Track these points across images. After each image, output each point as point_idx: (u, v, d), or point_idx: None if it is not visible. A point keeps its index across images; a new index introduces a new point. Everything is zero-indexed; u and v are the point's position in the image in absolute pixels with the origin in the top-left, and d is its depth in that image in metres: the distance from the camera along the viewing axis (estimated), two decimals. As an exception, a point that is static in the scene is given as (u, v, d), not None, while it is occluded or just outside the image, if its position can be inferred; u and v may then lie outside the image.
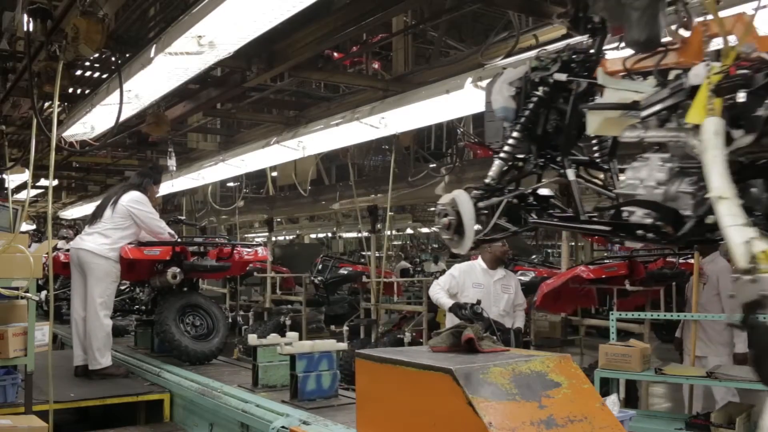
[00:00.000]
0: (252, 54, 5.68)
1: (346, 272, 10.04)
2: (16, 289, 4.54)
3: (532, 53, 3.40)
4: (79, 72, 6.54)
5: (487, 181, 3.09)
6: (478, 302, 5.47)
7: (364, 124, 6.57)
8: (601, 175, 3.11)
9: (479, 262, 6.00)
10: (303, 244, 21.35)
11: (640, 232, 2.47)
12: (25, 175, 7.84)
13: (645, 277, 6.22)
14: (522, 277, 7.52)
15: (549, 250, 17.04)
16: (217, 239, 7.50)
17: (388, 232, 9.64)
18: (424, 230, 20.11)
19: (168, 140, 9.47)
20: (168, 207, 14.93)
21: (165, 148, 9.91)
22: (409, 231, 20.57)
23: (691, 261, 6.85)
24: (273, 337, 4.87)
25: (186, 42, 4.35)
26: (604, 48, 2.92)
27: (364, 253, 10.38)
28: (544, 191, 3.11)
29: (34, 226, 14.80)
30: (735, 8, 2.84)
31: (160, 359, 6.09)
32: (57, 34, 4.86)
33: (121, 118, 5.23)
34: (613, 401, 3.43)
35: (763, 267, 1.53)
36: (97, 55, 5.28)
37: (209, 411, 4.78)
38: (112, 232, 5.77)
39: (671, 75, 2.53)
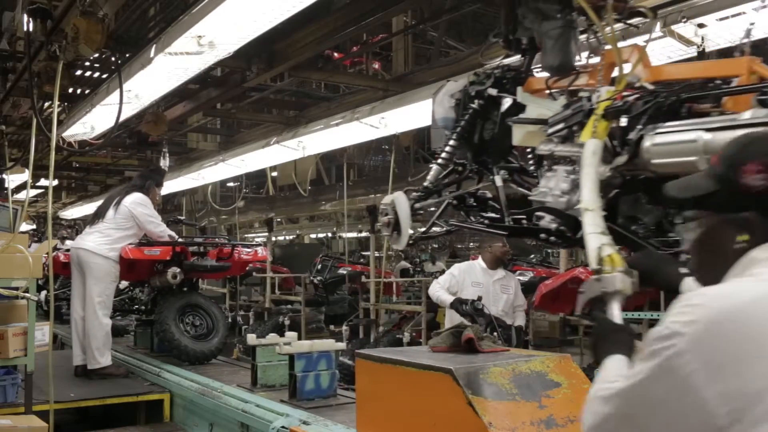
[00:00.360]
0: (252, 54, 5.69)
1: (345, 272, 10.03)
2: (16, 289, 4.54)
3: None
4: (79, 72, 6.53)
5: (425, 184, 3.33)
6: (479, 298, 5.48)
7: (364, 124, 6.57)
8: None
9: (479, 262, 6.00)
10: (303, 244, 21.33)
11: (543, 235, 2.72)
12: (25, 175, 7.84)
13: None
14: (521, 277, 7.51)
15: (548, 250, 17.01)
16: (216, 239, 7.51)
17: (388, 232, 9.62)
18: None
19: (164, 140, 9.47)
20: (168, 207, 14.93)
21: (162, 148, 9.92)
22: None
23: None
24: (272, 337, 4.87)
25: (186, 42, 4.35)
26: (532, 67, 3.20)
27: (364, 253, 10.37)
28: (483, 194, 3.31)
29: (34, 226, 14.78)
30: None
31: (159, 359, 6.10)
32: (57, 34, 4.85)
33: (121, 118, 5.23)
34: (612, 401, 3.42)
35: (607, 269, 1.78)
36: (97, 55, 5.28)
37: (209, 411, 4.78)
38: (113, 232, 5.78)
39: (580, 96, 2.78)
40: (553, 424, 2.52)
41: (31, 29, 5.05)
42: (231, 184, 15.39)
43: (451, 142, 3.26)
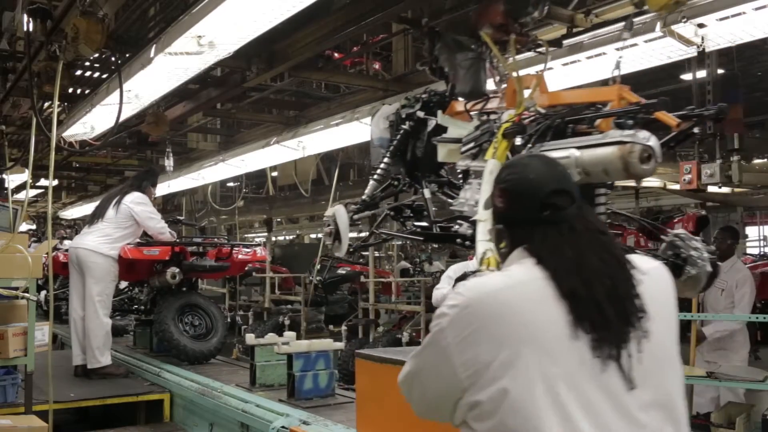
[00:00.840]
0: (252, 54, 5.68)
1: (344, 272, 10.03)
2: (16, 289, 4.54)
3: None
4: (79, 72, 6.53)
5: (363, 197, 3.71)
6: None
7: (364, 124, 6.56)
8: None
9: (473, 262, 6.01)
10: (303, 244, 21.32)
11: (459, 240, 3.05)
12: (25, 175, 7.83)
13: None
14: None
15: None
16: (215, 239, 7.51)
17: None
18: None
19: (167, 140, 9.46)
20: (168, 207, 14.93)
21: (165, 148, 9.90)
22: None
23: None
24: (270, 337, 4.88)
25: (186, 42, 4.34)
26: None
27: (364, 253, 10.36)
28: (419, 205, 3.62)
29: (33, 226, 14.77)
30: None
31: (159, 359, 6.10)
32: (57, 34, 4.85)
33: (121, 118, 5.23)
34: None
35: (483, 268, 2.22)
36: (97, 55, 5.27)
37: (209, 411, 4.78)
38: (113, 231, 5.80)
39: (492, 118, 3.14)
40: (553, 424, 2.51)
41: (31, 29, 5.05)
42: (231, 184, 15.38)
43: (386, 160, 3.63)
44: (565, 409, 1.36)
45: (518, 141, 2.69)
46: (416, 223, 3.54)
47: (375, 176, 3.71)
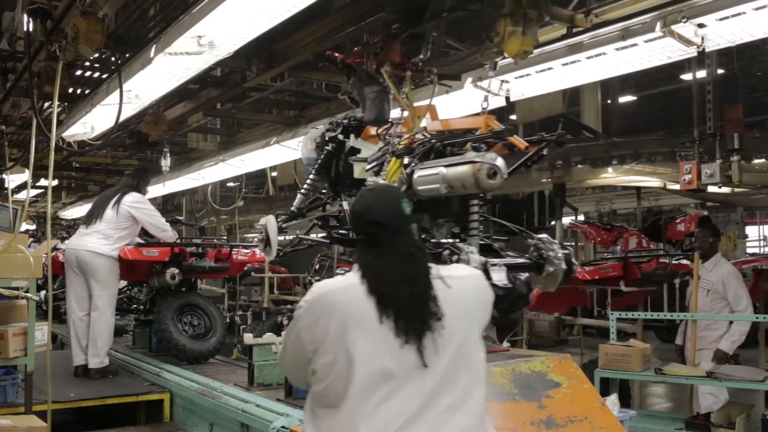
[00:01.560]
0: (252, 54, 5.67)
1: (342, 272, 10.00)
2: (16, 289, 4.54)
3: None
4: (79, 72, 6.53)
5: (292, 209, 4.23)
6: None
7: (364, 125, 6.57)
8: None
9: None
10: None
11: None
12: (25, 175, 7.83)
13: (639, 278, 6.22)
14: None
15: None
16: (214, 240, 7.52)
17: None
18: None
19: (165, 140, 9.46)
20: (168, 207, 14.92)
21: (164, 148, 9.90)
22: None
23: (684, 262, 6.84)
24: (269, 337, 4.88)
25: (186, 42, 4.34)
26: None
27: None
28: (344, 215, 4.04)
29: (33, 226, 14.77)
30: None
31: (159, 359, 6.10)
32: (57, 34, 4.85)
33: (121, 118, 5.23)
34: (613, 401, 3.44)
35: None
36: (97, 55, 5.27)
37: (209, 411, 4.78)
38: (112, 232, 5.80)
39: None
40: (553, 424, 2.52)
41: (31, 29, 5.05)
42: (231, 184, 15.37)
43: (311, 176, 4.15)
44: (371, 373, 1.86)
45: (406, 160, 3.21)
46: (338, 231, 4.00)
47: (302, 190, 4.25)
